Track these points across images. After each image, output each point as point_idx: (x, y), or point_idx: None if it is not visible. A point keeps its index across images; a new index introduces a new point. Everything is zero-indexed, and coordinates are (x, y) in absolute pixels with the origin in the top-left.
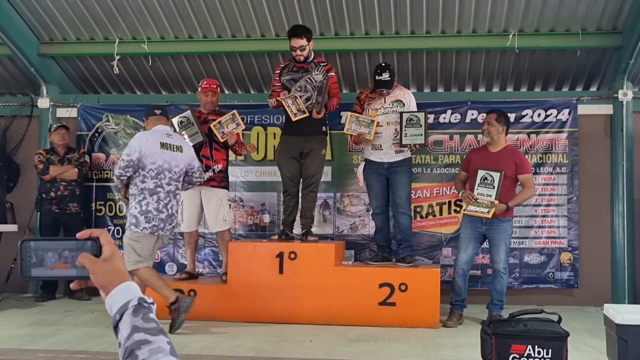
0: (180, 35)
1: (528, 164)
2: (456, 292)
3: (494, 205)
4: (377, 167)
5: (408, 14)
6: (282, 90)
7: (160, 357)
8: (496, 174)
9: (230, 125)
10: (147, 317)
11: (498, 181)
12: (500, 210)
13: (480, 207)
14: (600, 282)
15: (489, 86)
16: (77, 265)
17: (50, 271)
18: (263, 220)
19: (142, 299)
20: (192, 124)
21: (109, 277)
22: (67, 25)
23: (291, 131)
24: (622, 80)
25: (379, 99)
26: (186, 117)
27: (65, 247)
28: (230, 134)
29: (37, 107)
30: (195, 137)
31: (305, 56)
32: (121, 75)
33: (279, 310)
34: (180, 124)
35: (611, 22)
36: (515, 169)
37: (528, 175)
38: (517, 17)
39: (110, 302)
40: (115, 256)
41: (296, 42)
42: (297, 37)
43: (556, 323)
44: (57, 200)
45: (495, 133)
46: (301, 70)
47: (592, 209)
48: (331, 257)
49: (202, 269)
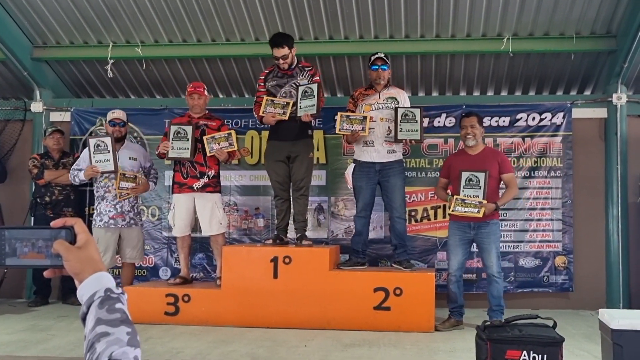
0: (174, 39)
1: (510, 163)
2: (452, 300)
3: (483, 205)
4: (368, 169)
5: (402, 18)
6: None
7: (115, 349)
8: (481, 174)
9: (222, 143)
10: (112, 307)
11: (484, 181)
12: (490, 209)
13: (469, 207)
14: (595, 286)
15: (484, 90)
16: (51, 254)
17: (24, 260)
18: (257, 224)
19: (109, 289)
20: (108, 151)
21: (82, 264)
22: (60, 29)
23: (277, 136)
24: (617, 83)
25: (373, 95)
26: (104, 142)
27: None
28: (219, 152)
29: (31, 112)
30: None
31: (289, 64)
32: (115, 79)
33: (274, 315)
34: (96, 147)
35: (605, 25)
36: (499, 168)
37: (511, 174)
38: (512, 20)
39: (81, 294)
40: (90, 244)
41: (278, 52)
42: (279, 47)
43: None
44: (51, 204)
45: (479, 136)
46: (286, 75)
47: (587, 213)
48: (326, 262)
49: (196, 274)
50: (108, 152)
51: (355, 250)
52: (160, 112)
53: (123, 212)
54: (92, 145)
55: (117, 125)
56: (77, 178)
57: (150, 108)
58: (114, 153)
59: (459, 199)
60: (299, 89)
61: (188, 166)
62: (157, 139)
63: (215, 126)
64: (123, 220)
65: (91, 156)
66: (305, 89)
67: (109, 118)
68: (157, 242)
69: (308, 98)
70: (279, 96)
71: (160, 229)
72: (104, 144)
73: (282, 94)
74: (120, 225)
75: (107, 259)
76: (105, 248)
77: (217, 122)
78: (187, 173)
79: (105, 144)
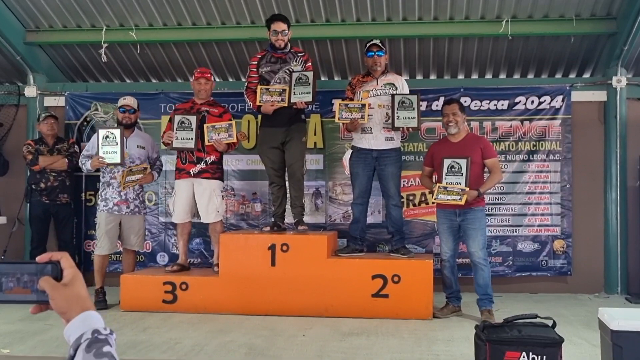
0: (168, 22)
1: (493, 149)
2: (447, 286)
3: (465, 192)
4: (365, 155)
5: (400, 0)
6: (258, 82)
7: None
8: (462, 160)
9: (222, 134)
10: (99, 352)
11: (465, 168)
12: (472, 196)
13: (451, 195)
14: (594, 270)
15: (482, 72)
16: (37, 290)
17: (10, 295)
18: (255, 209)
19: (97, 331)
20: (116, 144)
21: (68, 302)
22: (53, 12)
23: (270, 123)
24: (616, 66)
25: (371, 82)
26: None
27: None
28: (218, 142)
29: (24, 96)
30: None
31: (285, 42)
32: (110, 63)
33: (272, 302)
34: (104, 138)
35: (605, 8)
36: (482, 154)
37: (495, 160)
38: (511, 3)
39: (67, 334)
40: (77, 280)
41: (278, 26)
42: (280, 21)
43: (550, 328)
44: (47, 191)
45: (461, 123)
46: (279, 61)
47: (586, 197)
48: (324, 249)
49: (193, 259)
50: (116, 144)
51: (353, 237)
52: (156, 96)
53: (127, 200)
54: (101, 136)
55: (127, 112)
56: (84, 167)
57: (146, 92)
58: (122, 146)
59: (441, 186)
60: (292, 75)
61: (187, 152)
62: (152, 123)
63: (217, 113)
64: (127, 207)
65: (99, 147)
66: (300, 75)
67: (120, 104)
68: (154, 227)
69: (303, 85)
70: (272, 82)
71: (157, 214)
72: (112, 135)
73: (276, 80)
74: (124, 212)
75: (106, 244)
76: (105, 233)
77: (220, 109)
78: (185, 159)
79: (114, 135)
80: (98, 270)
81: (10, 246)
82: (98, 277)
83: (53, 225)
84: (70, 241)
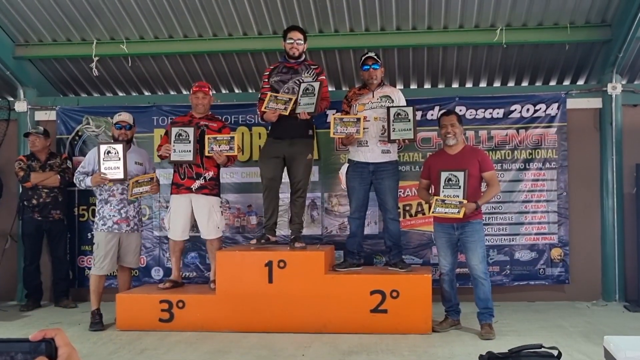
0: (160, 35)
1: (491, 161)
2: (447, 299)
3: (463, 205)
4: (361, 169)
5: (394, 10)
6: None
7: None
8: (460, 173)
9: (222, 146)
10: None
11: (463, 180)
12: (470, 209)
13: (449, 208)
14: (591, 278)
15: (476, 81)
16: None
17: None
18: (250, 222)
19: None
20: (119, 159)
21: None
22: (42, 26)
23: (276, 134)
24: (611, 73)
25: (367, 94)
26: (115, 149)
27: (18, 349)
28: (217, 154)
29: (15, 111)
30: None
31: (300, 51)
32: (101, 76)
33: (270, 319)
34: (106, 153)
35: (600, 15)
36: (479, 166)
37: (492, 172)
38: (505, 11)
39: None
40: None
41: (294, 34)
42: (296, 30)
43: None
44: (39, 207)
45: (459, 134)
46: (291, 71)
47: (582, 204)
48: (321, 265)
49: (189, 272)
50: (119, 159)
51: (350, 252)
52: (148, 109)
53: (128, 218)
54: (103, 151)
55: (123, 128)
56: (83, 183)
57: (138, 105)
58: (124, 161)
59: (439, 199)
60: (300, 86)
61: (185, 167)
62: (145, 137)
63: (216, 127)
64: (127, 225)
65: (100, 163)
66: (307, 86)
67: (115, 120)
68: (148, 241)
69: (308, 96)
70: (281, 92)
71: (152, 228)
72: (114, 150)
73: (284, 90)
74: (123, 230)
75: (107, 264)
76: (106, 253)
77: (219, 123)
78: (184, 174)
79: (117, 151)
80: (94, 290)
81: (3, 263)
82: (94, 298)
83: (46, 241)
84: (63, 257)
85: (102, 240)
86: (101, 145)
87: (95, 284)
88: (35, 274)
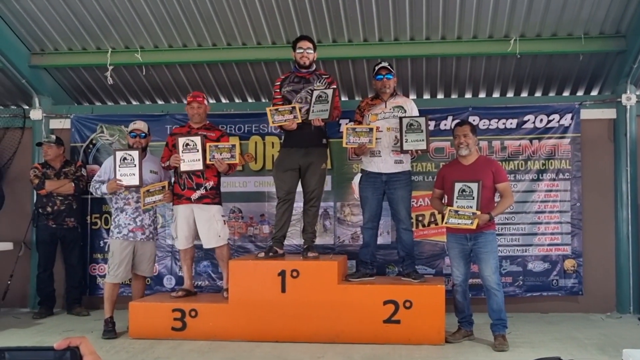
0: (174, 44)
1: (504, 172)
2: (460, 310)
3: (476, 216)
4: (374, 179)
5: (407, 20)
6: (282, 103)
7: None
8: (474, 184)
9: (224, 154)
10: None
11: (477, 192)
12: (484, 220)
13: (462, 219)
14: (605, 289)
15: (490, 91)
16: None
17: None
18: (262, 231)
19: None
20: (134, 165)
21: None
22: (58, 35)
23: (291, 143)
24: (626, 84)
25: (379, 105)
26: (131, 155)
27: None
28: (219, 162)
29: (30, 119)
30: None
31: (310, 60)
32: (115, 85)
33: (282, 329)
34: (122, 160)
35: (614, 25)
36: (493, 177)
37: (506, 184)
38: (519, 21)
39: None
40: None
41: (304, 43)
42: (305, 39)
43: None
44: (53, 215)
45: (472, 145)
46: (302, 80)
47: (596, 215)
48: (334, 275)
49: (201, 281)
50: (134, 166)
51: (363, 262)
52: (162, 117)
53: (143, 226)
54: (119, 158)
55: (137, 136)
56: (99, 191)
57: (152, 114)
58: (140, 167)
59: (452, 210)
60: (313, 93)
61: (185, 177)
62: (158, 145)
63: (214, 137)
64: (142, 234)
65: (116, 169)
66: (320, 93)
67: (130, 129)
68: (161, 250)
69: (322, 103)
70: (294, 101)
71: (164, 237)
72: (130, 157)
73: (297, 100)
74: (139, 238)
75: (121, 272)
76: (120, 261)
77: (217, 132)
78: (184, 184)
79: (132, 157)
80: (108, 298)
81: (17, 271)
82: (108, 306)
83: (60, 249)
84: (77, 265)
85: (117, 248)
86: (117, 152)
87: (109, 291)
88: (48, 282)
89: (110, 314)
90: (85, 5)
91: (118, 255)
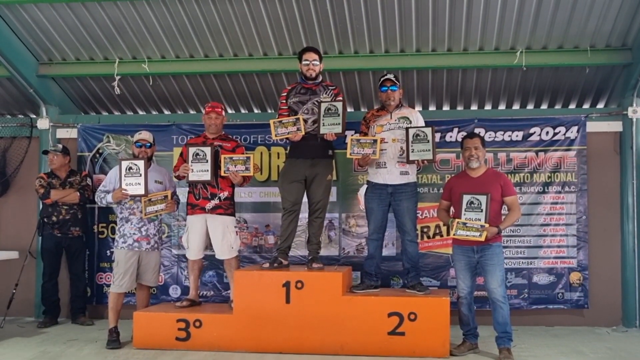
0: (181, 54)
1: (513, 186)
2: (465, 323)
3: (485, 228)
4: (380, 191)
5: (414, 32)
6: (288, 114)
7: None
8: (482, 197)
9: (238, 166)
10: None
11: (485, 204)
12: (492, 233)
13: (470, 231)
14: (611, 303)
15: (495, 103)
16: None
17: None
18: (268, 241)
19: None
20: (140, 175)
21: None
22: (66, 45)
23: (296, 154)
24: (632, 97)
25: (384, 116)
26: (137, 165)
27: None
28: (234, 174)
29: (37, 128)
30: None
31: (316, 72)
32: (122, 95)
33: (287, 340)
34: (128, 169)
35: (621, 38)
36: (501, 191)
37: (514, 197)
38: (525, 34)
39: None
40: None
41: (310, 55)
42: (311, 51)
43: None
44: (59, 224)
45: (482, 157)
46: (309, 92)
47: (602, 228)
48: (339, 286)
49: (206, 291)
50: (140, 175)
51: (368, 273)
52: (168, 127)
53: (148, 236)
54: (124, 167)
55: (143, 146)
56: (105, 200)
57: (158, 124)
58: (145, 177)
59: (460, 222)
60: (321, 106)
61: (200, 187)
62: (165, 155)
63: (230, 147)
64: (147, 243)
65: (122, 179)
66: (329, 106)
67: (135, 139)
68: (166, 259)
69: (332, 116)
70: (300, 113)
71: (170, 246)
72: (136, 167)
73: (303, 111)
74: (144, 248)
75: (127, 282)
76: (125, 271)
77: (233, 143)
78: (199, 194)
79: (138, 167)
80: (113, 307)
81: (22, 280)
82: (112, 315)
83: (64, 258)
84: (81, 274)
85: (122, 258)
86: (123, 161)
87: (114, 301)
88: (53, 291)
89: (115, 324)
90: (93, 16)
91: (123, 265)
